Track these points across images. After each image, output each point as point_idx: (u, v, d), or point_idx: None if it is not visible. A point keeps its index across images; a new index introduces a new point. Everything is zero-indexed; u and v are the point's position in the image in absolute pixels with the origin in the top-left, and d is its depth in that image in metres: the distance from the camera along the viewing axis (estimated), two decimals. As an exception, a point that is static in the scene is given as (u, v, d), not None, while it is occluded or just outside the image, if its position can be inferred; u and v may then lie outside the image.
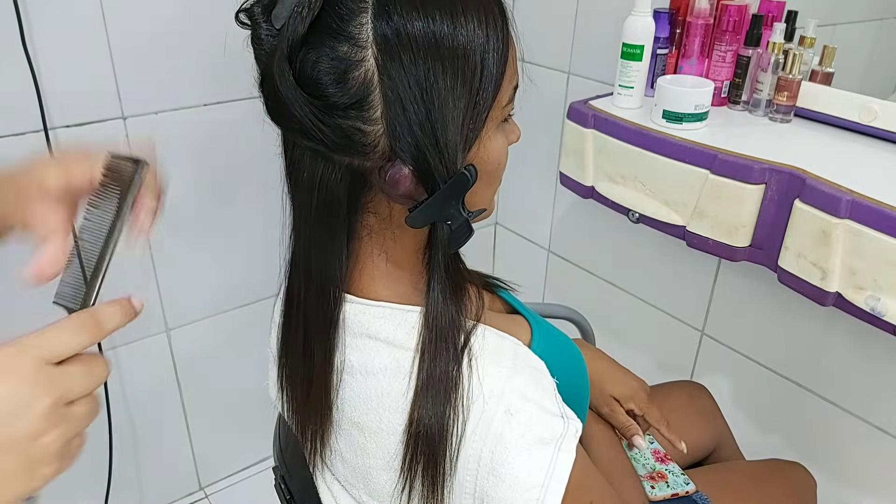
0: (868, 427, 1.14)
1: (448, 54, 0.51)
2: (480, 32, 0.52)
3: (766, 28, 1.08)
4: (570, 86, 1.49)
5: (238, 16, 0.54)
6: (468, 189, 0.54)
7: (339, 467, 0.66)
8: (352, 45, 0.50)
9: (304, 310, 0.61)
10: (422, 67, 0.50)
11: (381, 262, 0.61)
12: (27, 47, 1.05)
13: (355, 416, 0.61)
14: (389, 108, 0.51)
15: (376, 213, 0.58)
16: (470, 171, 0.54)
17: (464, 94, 0.52)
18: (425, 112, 0.51)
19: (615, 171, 1.16)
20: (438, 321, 0.57)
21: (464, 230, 0.56)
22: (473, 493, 0.56)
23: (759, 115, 1.11)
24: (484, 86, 0.53)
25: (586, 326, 1.23)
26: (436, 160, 0.52)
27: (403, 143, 0.52)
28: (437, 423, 0.55)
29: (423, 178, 0.53)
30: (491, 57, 0.53)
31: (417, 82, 0.50)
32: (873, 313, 0.87)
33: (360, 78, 0.50)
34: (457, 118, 0.52)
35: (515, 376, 0.57)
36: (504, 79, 0.55)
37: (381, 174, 0.54)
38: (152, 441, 1.47)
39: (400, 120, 0.51)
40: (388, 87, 0.50)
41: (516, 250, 1.83)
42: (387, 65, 0.50)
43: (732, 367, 1.34)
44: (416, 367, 0.56)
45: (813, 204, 0.90)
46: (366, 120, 0.51)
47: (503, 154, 0.60)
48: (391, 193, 0.55)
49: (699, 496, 0.94)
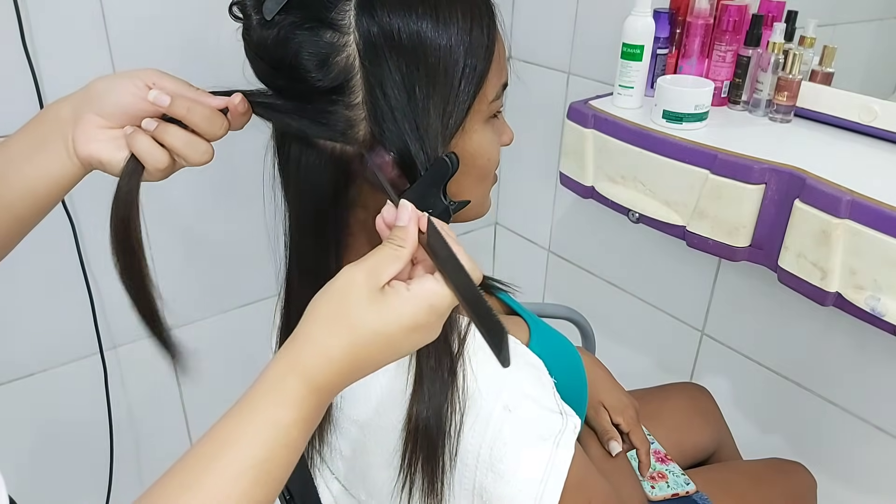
0: (868, 427, 1.14)
1: (430, 44, 0.52)
2: (465, 25, 0.53)
3: (766, 28, 1.08)
4: (570, 86, 1.49)
5: (231, 9, 0.55)
6: (449, 176, 0.54)
7: (339, 466, 0.66)
8: (334, 31, 0.51)
9: (301, 306, 0.62)
10: (403, 55, 0.51)
11: None
12: (27, 47, 1.05)
13: (354, 414, 0.61)
14: (370, 94, 0.52)
15: (365, 206, 0.59)
16: (451, 159, 0.54)
17: (445, 84, 0.53)
18: (406, 98, 0.52)
19: (615, 171, 1.16)
20: None
21: (443, 218, 0.55)
22: (472, 489, 0.56)
23: (759, 115, 1.11)
24: (466, 77, 0.54)
25: (586, 327, 1.23)
26: (416, 146, 0.53)
27: (385, 129, 0.52)
28: (436, 419, 0.55)
29: (405, 166, 0.54)
30: (475, 51, 0.54)
31: (398, 69, 0.51)
32: (873, 313, 0.86)
33: (341, 63, 0.51)
34: (437, 106, 0.53)
35: (514, 373, 0.57)
36: (489, 73, 0.56)
37: (364, 162, 0.54)
38: (153, 441, 1.47)
39: (380, 105, 0.52)
40: (370, 73, 0.51)
41: (516, 250, 1.83)
42: (368, 51, 0.51)
43: (732, 367, 1.34)
44: (415, 364, 0.56)
45: (813, 204, 0.90)
46: (347, 105, 0.52)
47: (493, 151, 0.60)
48: (373, 182, 0.55)
49: (699, 496, 0.94)
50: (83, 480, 1.38)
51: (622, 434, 0.82)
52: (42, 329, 1.25)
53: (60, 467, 1.36)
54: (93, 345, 1.30)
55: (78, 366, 1.30)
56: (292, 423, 0.44)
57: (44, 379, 1.28)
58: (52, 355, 1.28)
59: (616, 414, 0.82)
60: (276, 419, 0.43)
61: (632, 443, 0.82)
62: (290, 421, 0.44)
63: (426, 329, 0.47)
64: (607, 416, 0.82)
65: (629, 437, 0.82)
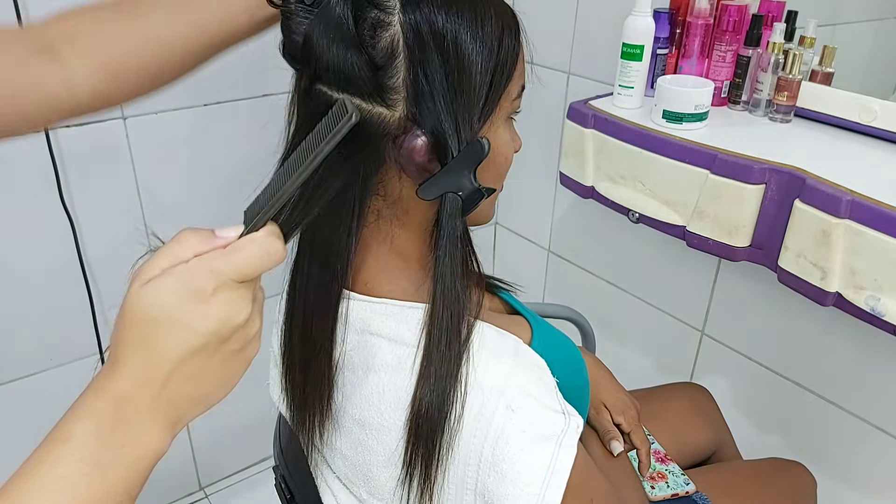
0: (868, 427, 1.14)
1: (468, 34, 0.54)
2: (498, 21, 0.56)
3: (766, 28, 1.08)
4: (570, 86, 1.49)
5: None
6: (482, 160, 0.56)
7: (340, 465, 0.66)
8: (380, 10, 0.52)
9: (307, 291, 0.62)
10: (443, 42, 0.53)
11: (385, 250, 0.62)
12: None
13: (357, 413, 0.61)
14: (411, 74, 0.53)
15: (385, 195, 0.59)
16: (484, 142, 0.55)
17: (478, 73, 0.55)
18: (445, 81, 0.53)
19: (615, 171, 1.16)
20: (446, 297, 0.56)
21: (475, 198, 0.57)
22: (475, 488, 0.56)
23: (759, 115, 1.11)
24: (499, 69, 0.56)
25: (586, 326, 1.23)
26: (451, 130, 0.54)
27: (423, 110, 0.54)
28: (439, 402, 0.55)
29: (439, 148, 0.55)
30: (507, 44, 0.56)
31: (439, 54, 0.53)
32: (873, 313, 0.87)
33: (387, 39, 0.52)
34: (470, 93, 0.55)
35: (517, 372, 0.57)
36: (515, 71, 0.58)
37: (396, 144, 0.55)
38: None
39: (421, 86, 0.53)
40: (413, 54, 0.53)
41: (516, 250, 1.83)
42: (411, 31, 0.52)
43: (732, 367, 1.34)
44: (419, 363, 0.56)
45: (813, 204, 0.90)
46: (390, 86, 0.53)
47: (510, 151, 0.62)
48: (405, 165, 0.56)
49: (699, 496, 0.94)
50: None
51: (623, 434, 0.82)
52: (42, 329, 1.25)
53: (60, 467, 1.36)
54: (93, 345, 1.30)
55: (78, 366, 1.30)
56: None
57: (44, 379, 1.28)
58: (52, 355, 1.28)
59: (617, 414, 0.82)
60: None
61: (633, 443, 0.82)
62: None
63: (195, 293, 0.40)
64: (608, 416, 0.82)
65: (630, 437, 0.82)
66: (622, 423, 0.81)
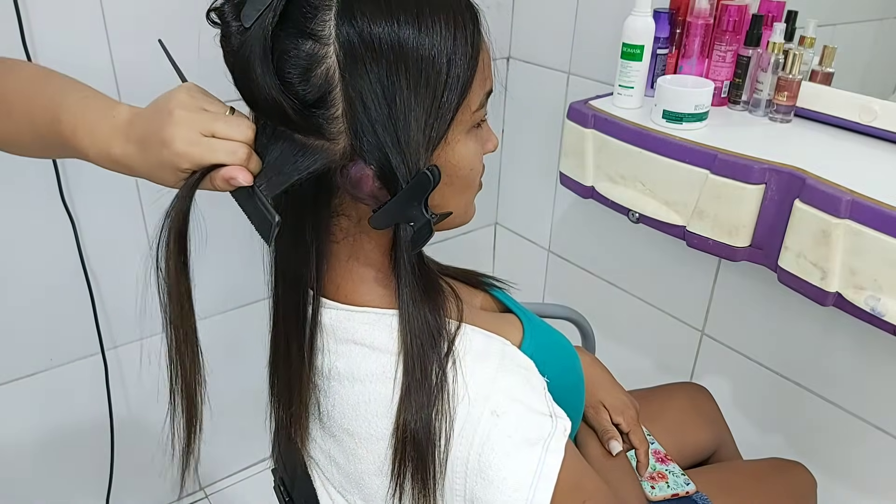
0: (868, 427, 1.14)
1: (412, 54, 0.51)
2: (448, 35, 0.52)
3: (766, 28, 1.08)
4: (570, 86, 1.49)
5: (209, 15, 0.54)
6: (430, 190, 0.53)
7: (335, 473, 0.66)
8: (314, 41, 0.50)
9: (284, 311, 0.63)
10: (384, 66, 0.50)
11: (359, 264, 0.62)
12: (27, 47, 1.05)
13: (345, 422, 0.61)
14: (350, 106, 0.51)
15: (347, 215, 0.59)
16: (432, 172, 0.53)
17: (427, 96, 0.52)
18: (387, 111, 0.51)
19: (615, 171, 1.16)
20: (412, 325, 0.56)
21: (425, 231, 0.55)
22: (464, 495, 0.56)
23: (759, 115, 1.11)
24: (449, 87, 0.53)
25: (586, 327, 1.23)
26: (397, 160, 0.52)
27: (365, 142, 0.52)
28: (424, 426, 0.55)
29: (386, 179, 0.53)
30: (458, 60, 0.53)
31: (379, 80, 0.50)
32: (873, 313, 0.87)
33: (322, 75, 0.50)
34: (419, 118, 0.52)
35: (502, 377, 0.57)
36: (473, 83, 0.55)
37: (344, 174, 0.54)
38: (153, 441, 1.47)
39: (361, 118, 0.51)
40: (350, 85, 0.50)
41: (516, 250, 1.83)
42: (348, 62, 0.50)
43: (732, 367, 1.34)
44: (401, 372, 0.56)
45: (813, 204, 0.90)
46: (327, 118, 0.51)
47: (476, 160, 0.60)
48: (355, 194, 0.55)
49: (699, 496, 0.94)
50: (83, 480, 1.39)
51: (622, 434, 0.82)
52: (42, 329, 1.25)
53: (61, 467, 1.36)
54: (93, 345, 1.30)
55: (78, 366, 1.30)
56: None
57: (44, 379, 1.28)
58: (52, 355, 1.28)
59: (616, 414, 0.82)
60: None
61: (631, 443, 0.82)
62: None
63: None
64: (607, 416, 0.82)
65: (629, 436, 0.82)
66: (621, 423, 0.81)
